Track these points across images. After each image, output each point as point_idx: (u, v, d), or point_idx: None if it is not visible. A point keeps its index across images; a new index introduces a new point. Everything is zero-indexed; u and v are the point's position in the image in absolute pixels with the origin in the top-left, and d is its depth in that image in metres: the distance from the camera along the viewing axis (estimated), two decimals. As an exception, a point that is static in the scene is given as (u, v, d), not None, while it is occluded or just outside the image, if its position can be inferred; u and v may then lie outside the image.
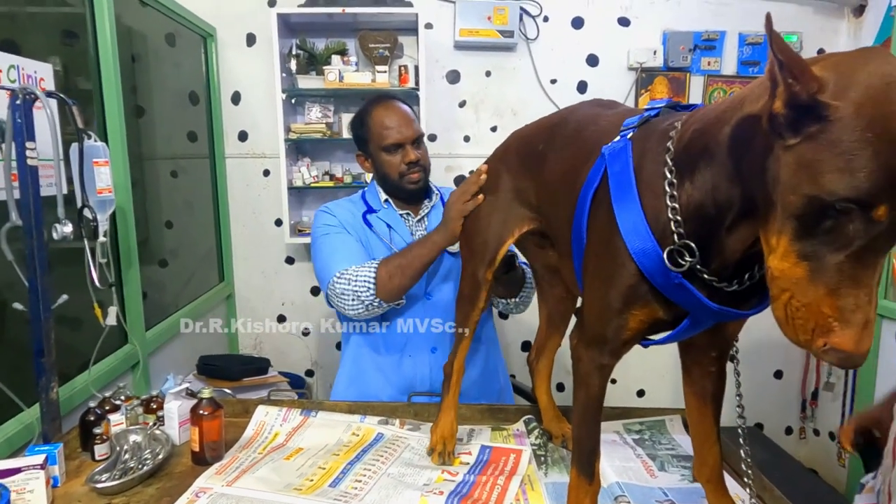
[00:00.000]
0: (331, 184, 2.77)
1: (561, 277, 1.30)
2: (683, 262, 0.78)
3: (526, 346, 3.01)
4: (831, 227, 0.59)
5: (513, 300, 1.65)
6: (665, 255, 0.79)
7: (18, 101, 1.22)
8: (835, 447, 2.89)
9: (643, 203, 0.82)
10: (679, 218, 0.78)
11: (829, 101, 0.58)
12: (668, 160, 0.80)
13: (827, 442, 2.99)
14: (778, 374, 3.13)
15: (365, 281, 1.46)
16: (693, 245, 0.78)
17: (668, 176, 0.79)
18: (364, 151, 1.69)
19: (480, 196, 1.30)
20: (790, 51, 0.59)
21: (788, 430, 3.17)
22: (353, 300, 1.48)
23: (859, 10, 2.79)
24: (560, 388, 2.92)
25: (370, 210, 1.68)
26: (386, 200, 1.69)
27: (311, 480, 1.17)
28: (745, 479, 0.99)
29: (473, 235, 1.29)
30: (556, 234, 1.10)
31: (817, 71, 0.59)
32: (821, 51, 2.85)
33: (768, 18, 0.59)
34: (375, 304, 1.49)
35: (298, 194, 2.86)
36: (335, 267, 1.51)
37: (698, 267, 0.78)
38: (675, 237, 0.79)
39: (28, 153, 1.24)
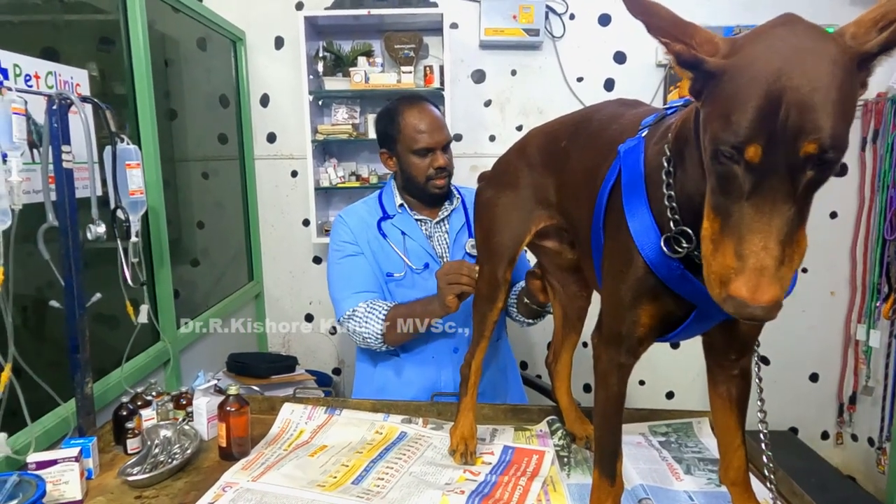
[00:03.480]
0: (357, 184, 2.80)
1: (574, 276, 1.30)
2: (681, 249, 0.78)
3: (552, 346, 2.98)
4: (726, 177, 0.62)
5: (532, 321, 1.66)
6: (662, 242, 0.80)
7: (55, 107, 1.26)
8: (874, 453, 2.79)
9: (649, 197, 0.83)
10: (675, 205, 0.79)
11: (709, 59, 0.64)
12: (667, 151, 0.81)
13: (866, 448, 2.89)
14: (814, 377, 3.04)
15: (374, 332, 1.56)
16: (690, 231, 0.77)
17: (666, 166, 0.81)
18: (389, 150, 1.69)
19: (469, 288, 1.36)
20: (671, 18, 0.66)
21: (824, 435, 3.08)
22: (360, 341, 1.60)
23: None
24: (587, 388, 2.89)
25: (385, 216, 1.69)
26: (401, 205, 1.70)
27: (335, 477, 1.18)
28: (769, 485, 0.97)
29: (491, 234, 1.27)
30: (577, 231, 1.10)
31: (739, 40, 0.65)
32: (859, 44, 2.76)
33: None
34: (382, 348, 1.60)
35: (325, 194, 2.89)
36: (345, 303, 1.61)
37: (696, 253, 0.77)
38: (672, 224, 0.79)
39: (64, 156, 1.28)
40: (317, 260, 3.04)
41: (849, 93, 0.59)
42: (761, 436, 0.95)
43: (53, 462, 1.10)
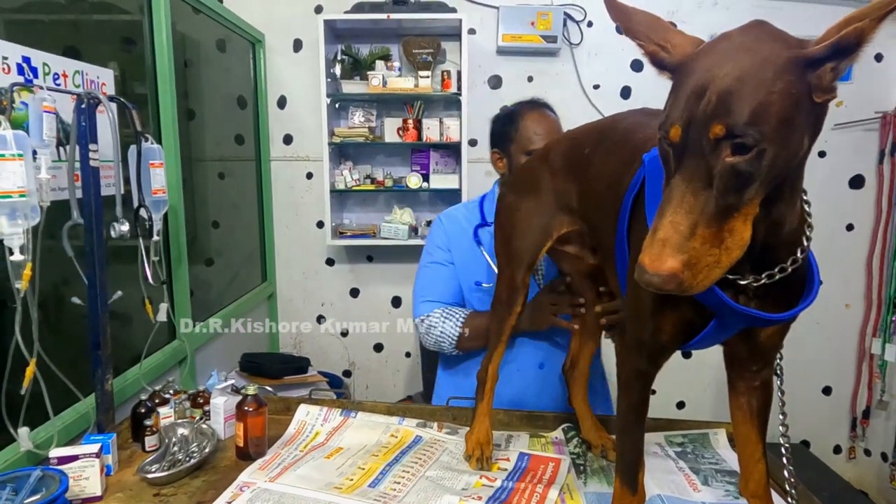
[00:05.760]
0: (372, 187, 2.81)
1: (593, 282, 1.31)
2: None
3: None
4: (665, 160, 0.67)
5: None
6: None
7: (83, 105, 1.28)
8: (887, 468, 2.76)
9: None
10: None
11: (670, 57, 0.70)
12: None
13: (879, 463, 2.86)
14: (827, 391, 3.01)
15: (450, 335, 1.59)
16: None
17: None
18: (502, 150, 1.67)
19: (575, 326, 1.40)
20: (648, 22, 0.73)
21: (837, 449, 3.05)
22: (434, 344, 1.64)
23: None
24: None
25: (483, 223, 1.68)
26: None
27: (351, 480, 1.18)
28: (789, 500, 0.96)
29: (512, 238, 1.27)
30: (599, 238, 1.10)
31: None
32: (878, 56, 2.75)
33: None
34: (454, 353, 1.63)
35: (340, 197, 2.90)
36: (422, 307, 1.66)
37: None
38: None
39: (91, 155, 1.30)
40: (330, 262, 3.05)
41: (784, 90, 0.61)
42: (783, 450, 0.95)
43: (75, 457, 1.10)
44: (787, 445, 0.95)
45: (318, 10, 2.81)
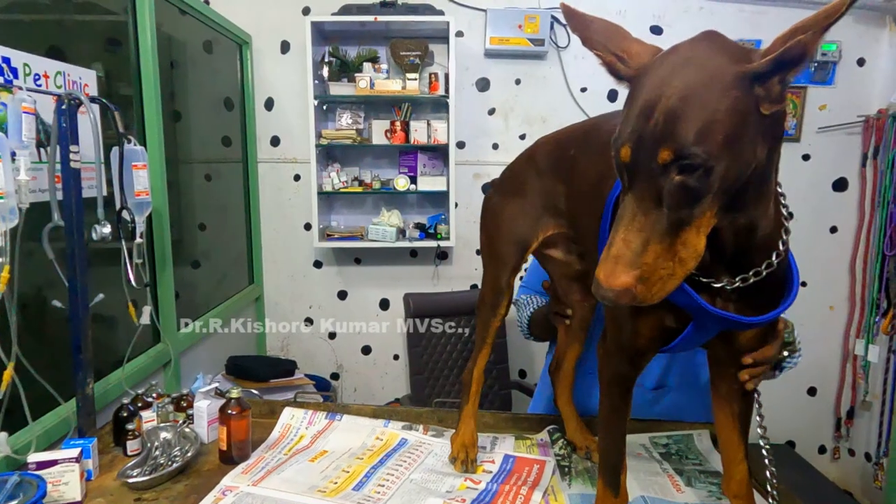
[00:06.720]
0: (359, 189, 2.80)
1: (578, 285, 1.30)
2: None
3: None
4: (619, 175, 0.68)
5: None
6: None
7: (64, 106, 1.27)
8: (871, 468, 2.79)
9: None
10: None
11: (624, 69, 0.71)
12: None
13: (863, 463, 2.89)
14: (811, 391, 3.04)
15: (523, 322, 1.62)
16: None
17: None
18: None
19: None
20: (607, 33, 0.74)
21: (822, 450, 3.08)
22: (518, 326, 1.66)
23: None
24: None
25: None
26: None
27: (335, 483, 1.18)
28: (770, 501, 0.97)
29: (497, 240, 1.25)
30: (585, 240, 1.10)
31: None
32: (861, 60, 2.78)
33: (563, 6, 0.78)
34: (529, 338, 1.64)
35: (328, 199, 2.90)
36: (519, 290, 1.68)
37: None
38: None
39: (72, 156, 1.28)
40: (317, 264, 3.04)
41: (730, 106, 0.62)
42: (763, 451, 0.95)
43: (54, 462, 1.09)
44: (767, 447, 0.95)
45: (306, 11, 2.80)
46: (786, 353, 1.23)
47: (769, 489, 0.97)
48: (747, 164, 0.66)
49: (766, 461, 0.97)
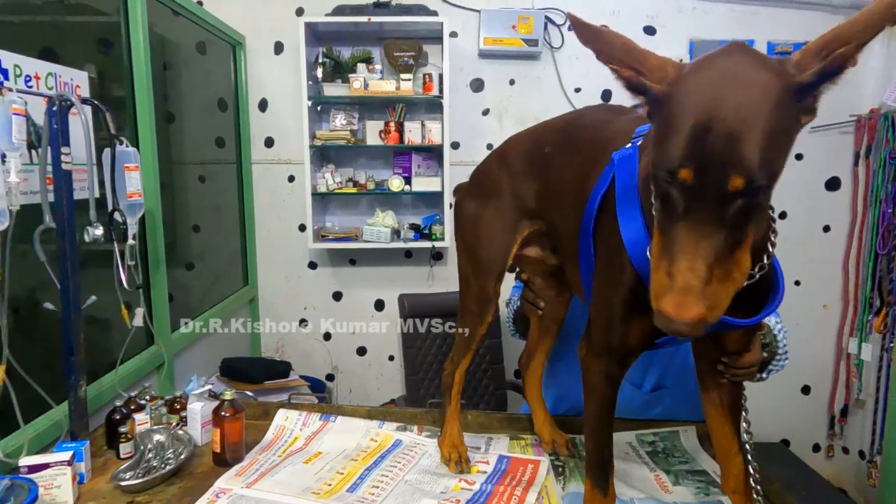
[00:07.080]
0: (354, 190, 2.80)
1: (551, 280, 1.29)
2: None
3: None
4: (666, 198, 0.64)
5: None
6: (647, 251, 0.79)
7: (55, 108, 1.26)
8: (865, 466, 2.80)
9: (643, 208, 0.82)
10: None
11: (654, 85, 0.66)
12: None
13: (857, 460, 2.90)
14: (805, 390, 3.05)
15: (508, 319, 1.63)
16: None
17: None
18: None
19: None
20: (622, 45, 0.69)
21: (816, 448, 3.09)
22: (507, 323, 1.66)
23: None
24: None
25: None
26: None
27: (330, 485, 1.18)
28: (756, 497, 0.97)
29: (478, 248, 1.21)
30: (561, 238, 1.08)
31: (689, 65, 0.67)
32: (853, 60, 2.79)
33: (571, 16, 0.73)
34: (515, 336, 1.64)
35: (322, 200, 2.89)
36: (513, 290, 1.65)
37: None
38: None
39: (63, 158, 1.27)
40: (312, 265, 3.03)
41: (782, 123, 0.61)
42: (747, 446, 0.96)
43: (45, 466, 1.08)
44: (751, 443, 0.97)
45: (300, 12, 2.80)
46: (765, 354, 1.24)
47: (753, 484, 0.98)
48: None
49: (749, 456, 0.97)
